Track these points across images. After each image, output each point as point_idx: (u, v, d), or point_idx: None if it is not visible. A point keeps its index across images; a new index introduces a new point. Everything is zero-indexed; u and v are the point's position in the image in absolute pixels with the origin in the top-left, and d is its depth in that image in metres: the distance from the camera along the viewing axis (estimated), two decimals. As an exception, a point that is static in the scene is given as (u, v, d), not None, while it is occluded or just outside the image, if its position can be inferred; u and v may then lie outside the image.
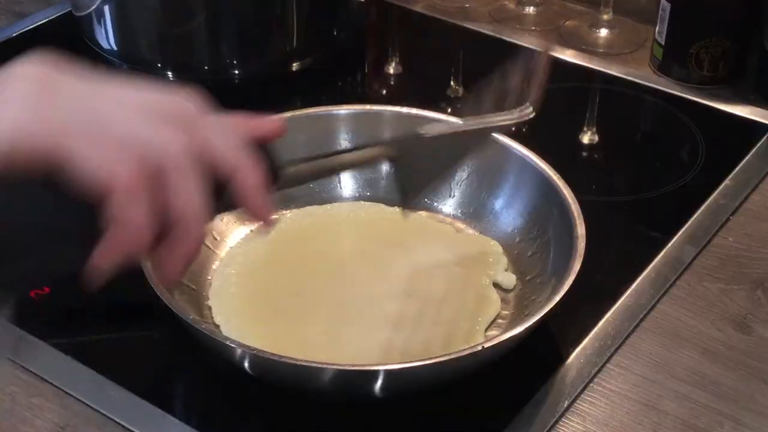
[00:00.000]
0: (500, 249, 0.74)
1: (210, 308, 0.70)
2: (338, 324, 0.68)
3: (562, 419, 0.63)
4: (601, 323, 0.69)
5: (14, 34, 1.06)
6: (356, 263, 0.74)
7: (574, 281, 0.63)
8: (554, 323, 0.67)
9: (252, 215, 0.51)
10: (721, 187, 0.83)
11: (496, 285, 0.72)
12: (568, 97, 0.97)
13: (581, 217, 0.68)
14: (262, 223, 0.52)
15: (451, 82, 0.98)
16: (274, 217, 0.52)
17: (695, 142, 0.89)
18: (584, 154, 0.90)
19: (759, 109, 0.93)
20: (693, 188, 0.83)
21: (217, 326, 0.68)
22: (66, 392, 0.65)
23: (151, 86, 0.50)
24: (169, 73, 0.96)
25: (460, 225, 0.77)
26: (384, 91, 1.01)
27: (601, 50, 1.03)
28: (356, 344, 0.66)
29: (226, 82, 0.97)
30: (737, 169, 0.85)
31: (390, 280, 0.71)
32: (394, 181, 0.67)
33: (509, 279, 0.72)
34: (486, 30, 1.05)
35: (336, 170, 0.65)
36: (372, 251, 0.74)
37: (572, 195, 0.70)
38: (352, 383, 0.61)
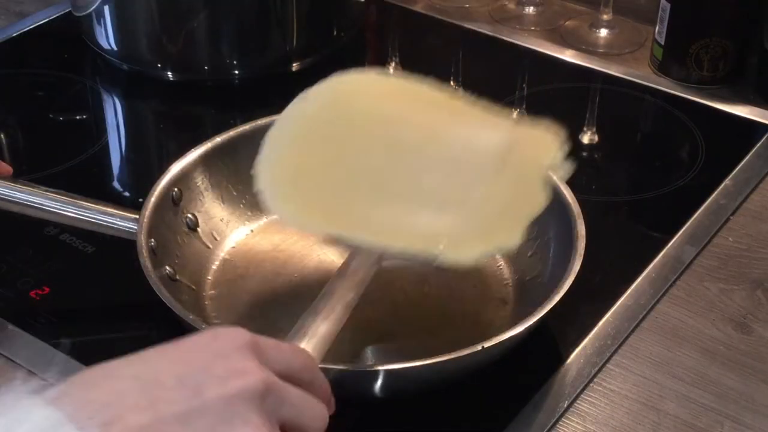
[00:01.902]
0: (558, 144, 0.65)
1: (210, 307, 0.69)
2: (380, 201, 0.62)
3: (562, 419, 0.63)
4: (601, 323, 0.69)
5: (14, 34, 1.06)
6: (408, 129, 0.66)
7: (574, 281, 0.63)
8: (554, 323, 0.67)
9: None
10: (721, 187, 0.83)
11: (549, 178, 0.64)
12: (568, 97, 0.97)
13: (581, 217, 0.68)
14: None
15: (451, 82, 0.98)
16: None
17: (695, 142, 0.89)
18: (584, 154, 0.90)
19: (759, 109, 0.93)
20: (693, 188, 0.83)
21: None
22: (66, 392, 0.65)
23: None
24: (169, 73, 0.96)
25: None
26: (384, 91, 1.01)
27: (601, 50, 1.03)
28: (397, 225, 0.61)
29: (226, 82, 0.97)
30: (737, 169, 0.85)
31: (439, 148, 0.65)
32: None
33: (564, 168, 0.64)
34: (486, 30, 1.05)
35: None
36: (426, 120, 0.67)
37: (572, 195, 0.70)
38: (352, 383, 0.61)
